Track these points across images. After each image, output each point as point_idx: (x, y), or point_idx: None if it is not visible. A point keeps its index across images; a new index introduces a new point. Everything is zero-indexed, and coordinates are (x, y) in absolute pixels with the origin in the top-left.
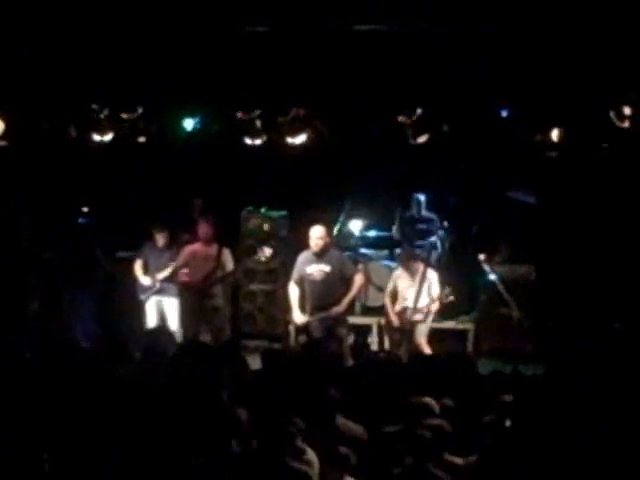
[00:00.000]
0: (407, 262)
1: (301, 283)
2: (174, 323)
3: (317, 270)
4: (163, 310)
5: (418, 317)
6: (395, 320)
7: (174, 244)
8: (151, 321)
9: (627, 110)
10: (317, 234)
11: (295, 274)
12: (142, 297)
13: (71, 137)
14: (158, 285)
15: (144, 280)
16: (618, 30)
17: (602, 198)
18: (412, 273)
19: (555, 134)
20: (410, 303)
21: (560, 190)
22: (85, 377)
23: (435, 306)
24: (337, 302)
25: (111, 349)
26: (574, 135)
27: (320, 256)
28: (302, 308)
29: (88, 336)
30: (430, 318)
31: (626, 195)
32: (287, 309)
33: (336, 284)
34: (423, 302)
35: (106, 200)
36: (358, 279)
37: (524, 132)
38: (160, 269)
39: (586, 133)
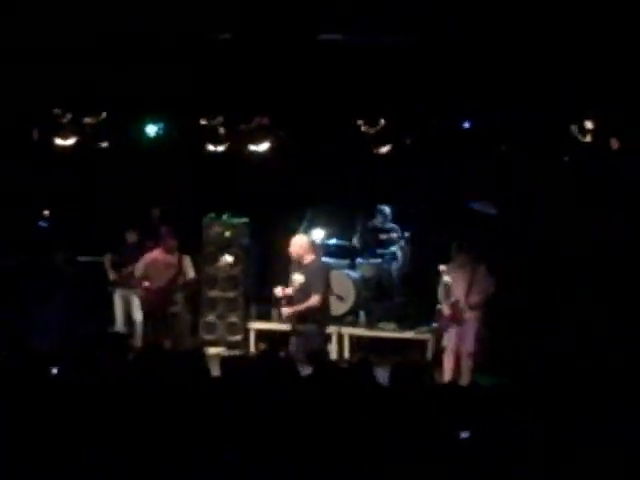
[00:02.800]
0: (456, 256)
1: None
2: (138, 314)
3: (295, 278)
4: (130, 303)
5: (469, 312)
6: (446, 310)
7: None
8: (118, 313)
9: (589, 124)
10: (293, 243)
11: None
12: (109, 290)
13: (33, 140)
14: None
15: (111, 275)
16: (580, 43)
17: (562, 210)
18: (460, 266)
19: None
20: (461, 297)
21: (521, 202)
22: (45, 382)
23: (484, 299)
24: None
25: (75, 354)
26: (536, 147)
27: (300, 266)
28: None
29: (48, 342)
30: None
31: (586, 208)
32: (247, 316)
33: (308, 296)
34: (474, 297)
35: (67, 204)
36: (313, 299)
37: (486, 143)
38: (131, 264)
39: (548, 146)
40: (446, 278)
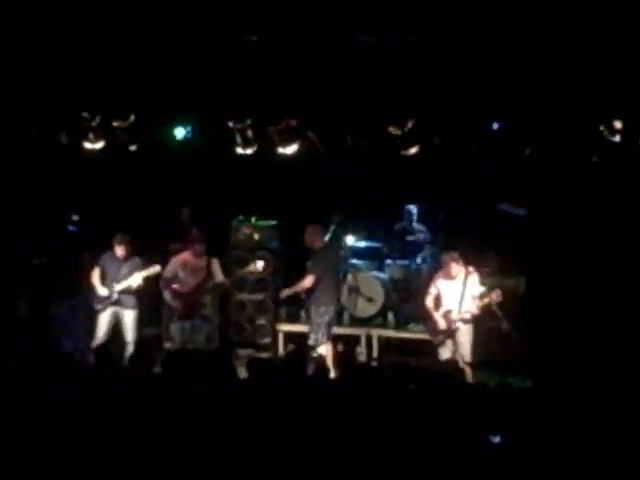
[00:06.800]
0: (445, 265)
1: None
2: (130, 335)
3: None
4: (120, 321)
5: (463, 317)
6: (442, 322)
7: (134, 255)
8: (102, 332)
9: (618, 124)
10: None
11: None
12: (98, 307)
13: (62, 144)
14: (115, 296)
15: (101, 290)
16: (608, 44)
17: (592, 211)
18: (452, 276)
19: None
20: (454, 306)
21: (550, 202)
22: (71, 386)
23: (478, 306)
24: None
25: (99, 357)
26: (565, 148)
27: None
28: None
29: (75, 345)
30: (472, 320)
31: (616, 208)
32: (276, 319)
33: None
34: (467, 304)
35: (96, 208)
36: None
37: (515, 145)
38: (119, 280)
39: (577, 146)
40: (435, 287)
